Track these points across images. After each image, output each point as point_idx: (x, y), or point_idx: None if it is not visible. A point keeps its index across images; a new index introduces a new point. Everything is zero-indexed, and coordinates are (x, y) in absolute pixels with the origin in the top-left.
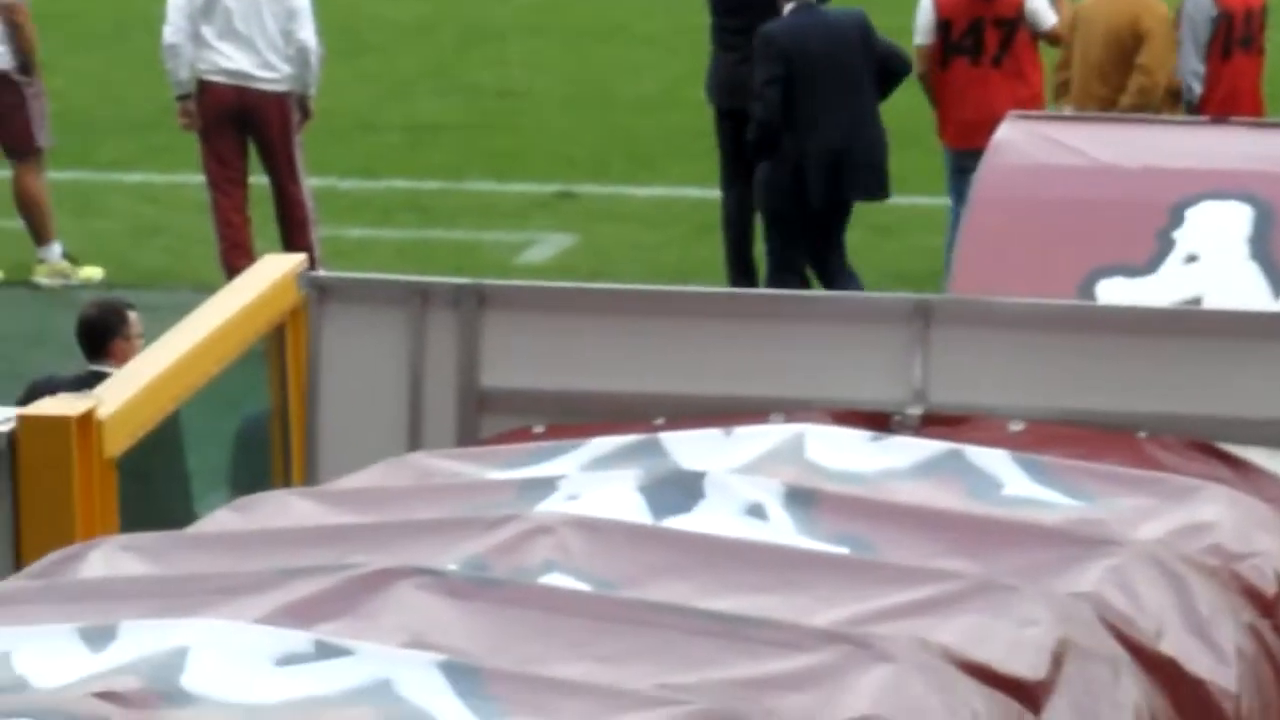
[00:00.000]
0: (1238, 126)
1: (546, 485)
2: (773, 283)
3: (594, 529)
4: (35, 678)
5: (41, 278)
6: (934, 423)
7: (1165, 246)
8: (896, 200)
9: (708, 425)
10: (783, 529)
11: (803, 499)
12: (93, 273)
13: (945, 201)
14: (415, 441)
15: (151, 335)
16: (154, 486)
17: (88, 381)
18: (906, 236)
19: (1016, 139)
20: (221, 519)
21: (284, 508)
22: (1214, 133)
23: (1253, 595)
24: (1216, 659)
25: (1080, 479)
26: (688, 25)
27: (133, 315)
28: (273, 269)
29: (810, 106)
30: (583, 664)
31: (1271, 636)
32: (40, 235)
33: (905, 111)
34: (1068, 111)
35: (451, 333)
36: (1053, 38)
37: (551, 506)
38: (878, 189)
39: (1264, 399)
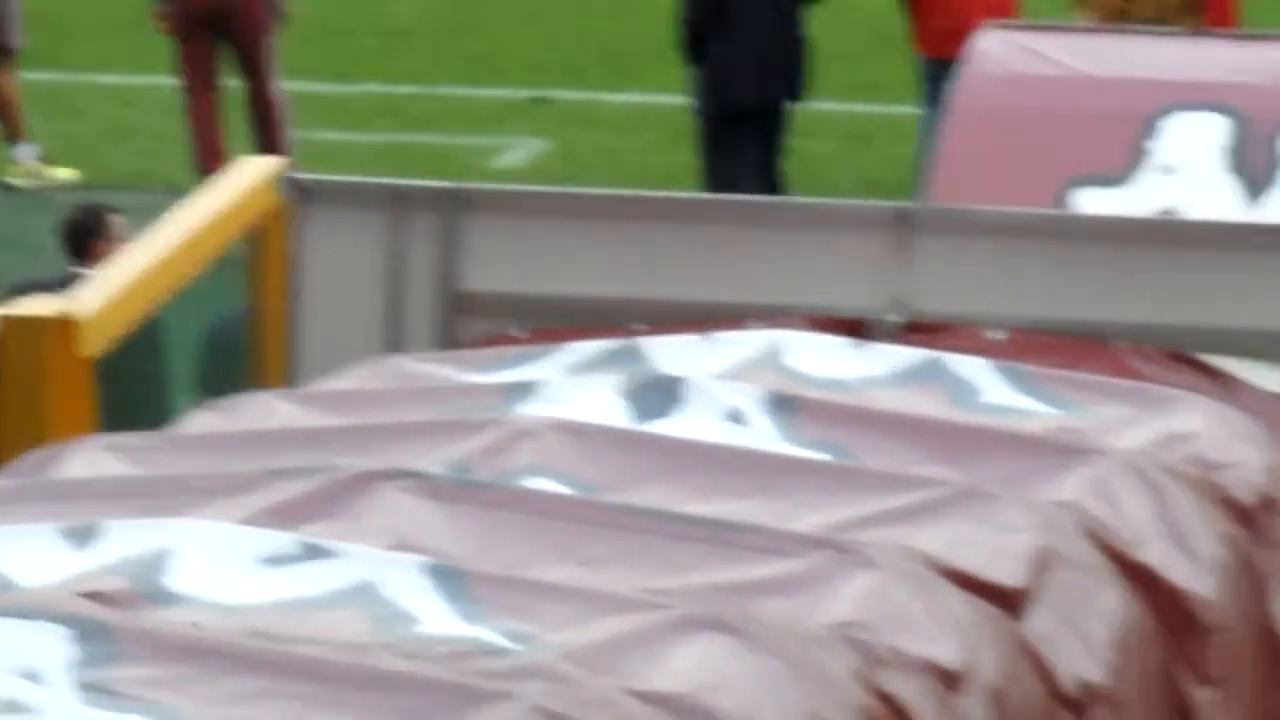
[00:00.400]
0: (1215, 38)
1: (528, 390)
2: (713, 185)
3: (577, 433)
4: (18, 577)
5: (15, 179)
6: (914, 331)
7: (1141, 157)
8: (872, 108)
9: (687, 331)
10: (764, 435)
11: (784, 405)
12: (67, 174)
13: (919, 110)
14: (394, 345)
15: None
16: (131, 388)
17: (67, 282)
18: (881, 145)
19: (994, 48)
20: (204, 420)
21: (266, 409)
22: (1192, 44)
23: (1231, 506)
24: (1195, 568)
25: (1060, 388)
26: None
27: (116, 218)
28: (251, 171)
29: (732, 6)
30: (566, 568)
31: (1249, 547)
32: (12, 135)
33: (879, 19)
34: (1085, 21)
35: (431, 236)
36: None
37: (533, 410)
38: (795, 90)
39: (1241, 309)
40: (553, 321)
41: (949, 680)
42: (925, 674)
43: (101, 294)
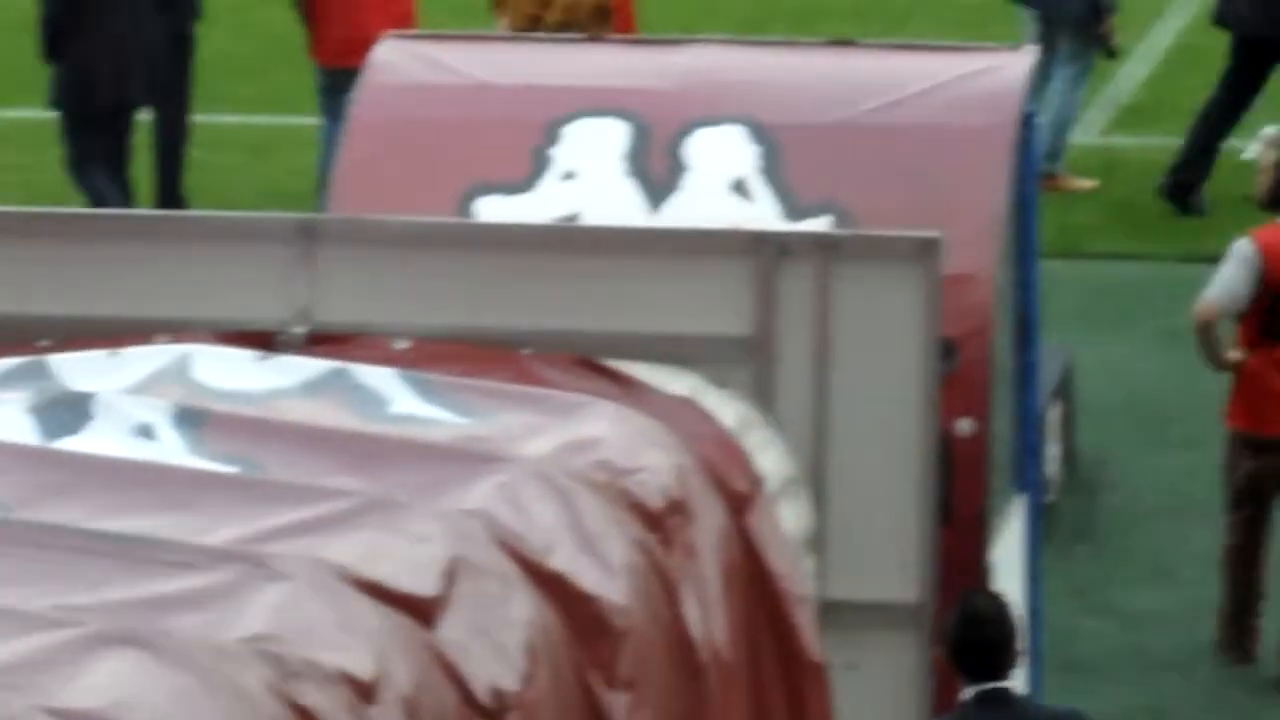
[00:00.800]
0: (614, 44)
1: None
2: (78, 183)
3: None
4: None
5: None
6: (320, 341)
7: (542, 164)
8: (270, 119)
9: (95, 347)
10: (173, 449)
11: (191, 419)
12: None
13: (319, 120)
14: None
15: None
16: None
17: None
18: (282, 156)
19: (393, 58)
20: None
21: None
22: (594, 51)
23: (640, 510)
24: (605, 574)
25: (467, 396)
26: None
27: None
28: None
29: (91, 6)
30: None
31: (659, 550)
32: None
33: (278, 30)
34: (503, 29)
35: None
36: None
37: None
38: (160, 93)
39: (644, 314)
40: None
41: (362, 691)
42: (339, 685)
43: None
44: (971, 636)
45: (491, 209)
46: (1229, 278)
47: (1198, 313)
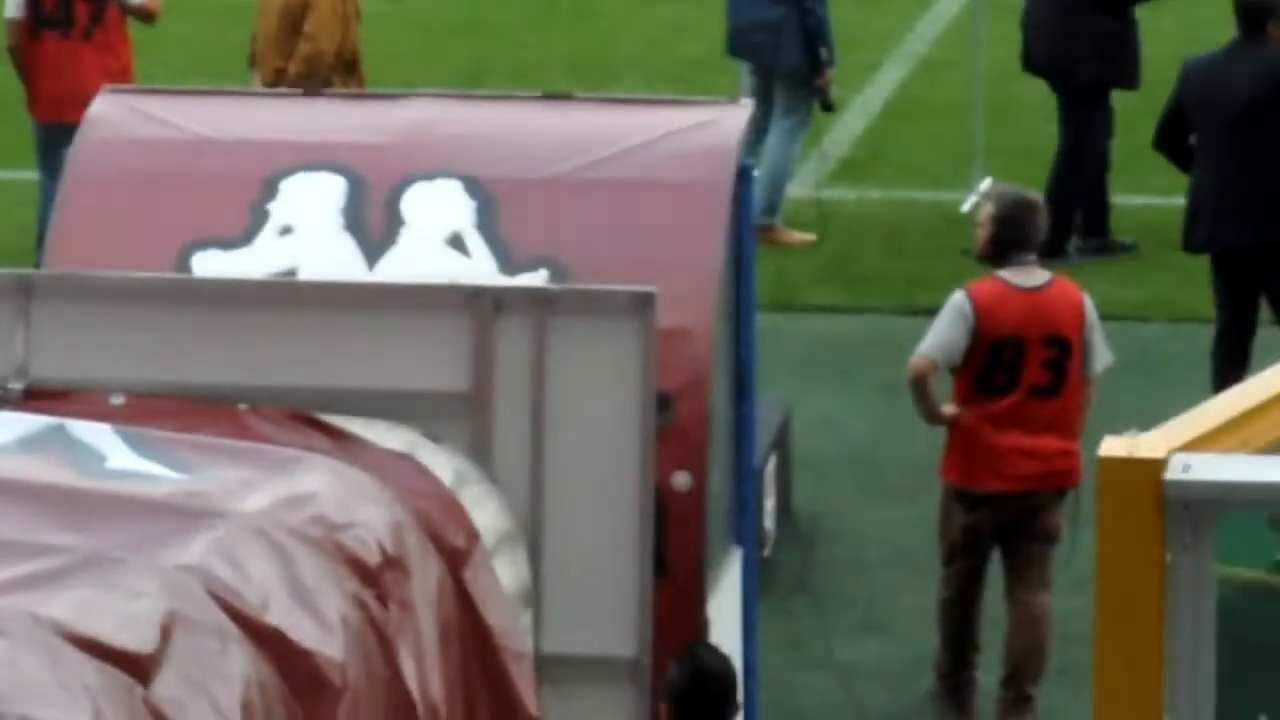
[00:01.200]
0: (330, 99)
1: None
2: None
3: None
4: None
5: None
6: (36, 397)
7: (259, 218)
8: None
9: None
10: None
11: None
12: None
13: (37, 176)
14: None
15: None
16: None
17: None
18: (1, 212)
19: (110, 113)
20: None
21: None
22: (310, 105)
23: (356, 565)
24: (322, 629)
25: (183, 451)
26: None
27: None
28: None
29: None
30: None
31: (375, 605)
32: None
33: None
34: (256, 83)
35: None
36: (143, 13)
37: None
38: None
39: (361, 369)
40: None
41: None
42: None
43: None
44: (698, 691)
45: (209, 264)
46: (943, 332)
47: (912, 367)
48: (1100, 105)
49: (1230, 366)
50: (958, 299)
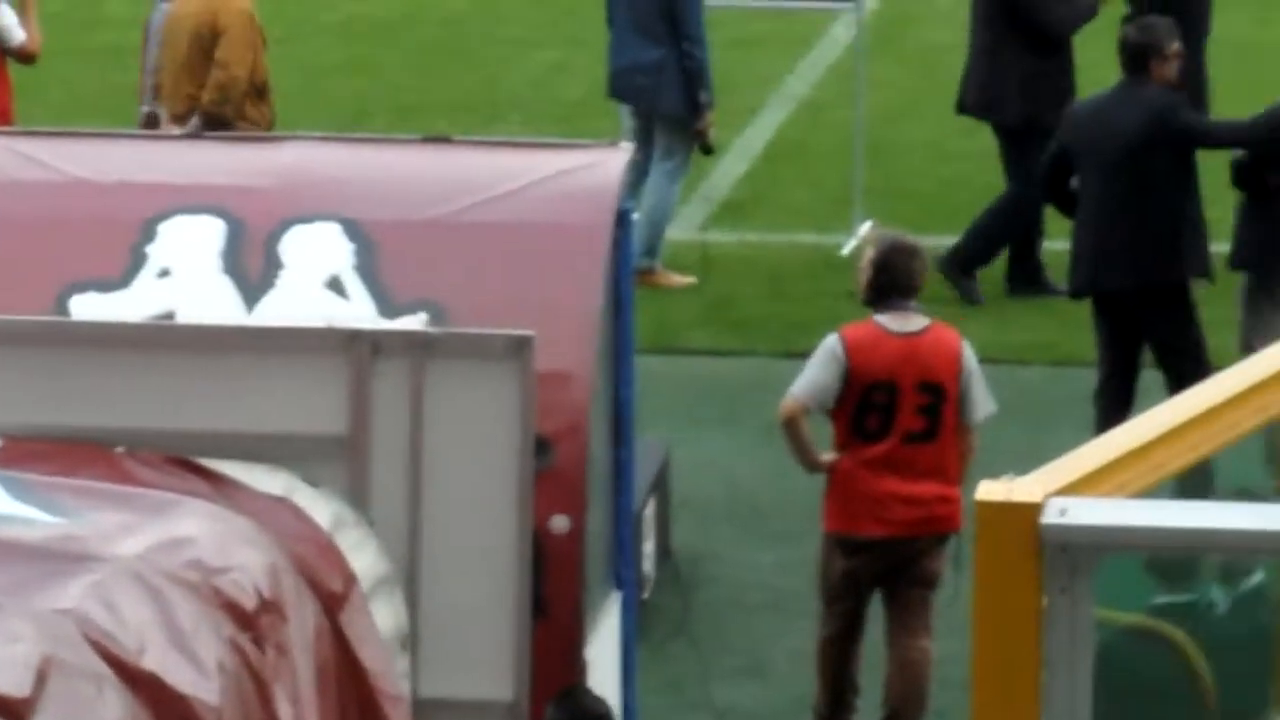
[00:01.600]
0: (211, 141)
1: None
2: None
3: None
4: None
5: None
6: None
7: (138, 261)
8: None
9: None
10: None
11: None
12: None
13: None
14: None
15: None
16: None
17: None
18: None
19: None
20: None
21: None
22: (191, 147)
23: (232, 609)
24: (198, 673)
25: (59, 495)
26: None
27: None
28: None
29: None
30: None
31: (252, 649)
32: None
33: None
34: (163, 112)
35: None
36: (22, 54)
37: None
38: None
39: (238, 412)
40: None
41: None
42: None
43: None
44: None
45: (87, 307)
46: (815, 374)
47: (782, 409)
48: (1034, 145)
49: (1114, 410)
50: (830, 342)
